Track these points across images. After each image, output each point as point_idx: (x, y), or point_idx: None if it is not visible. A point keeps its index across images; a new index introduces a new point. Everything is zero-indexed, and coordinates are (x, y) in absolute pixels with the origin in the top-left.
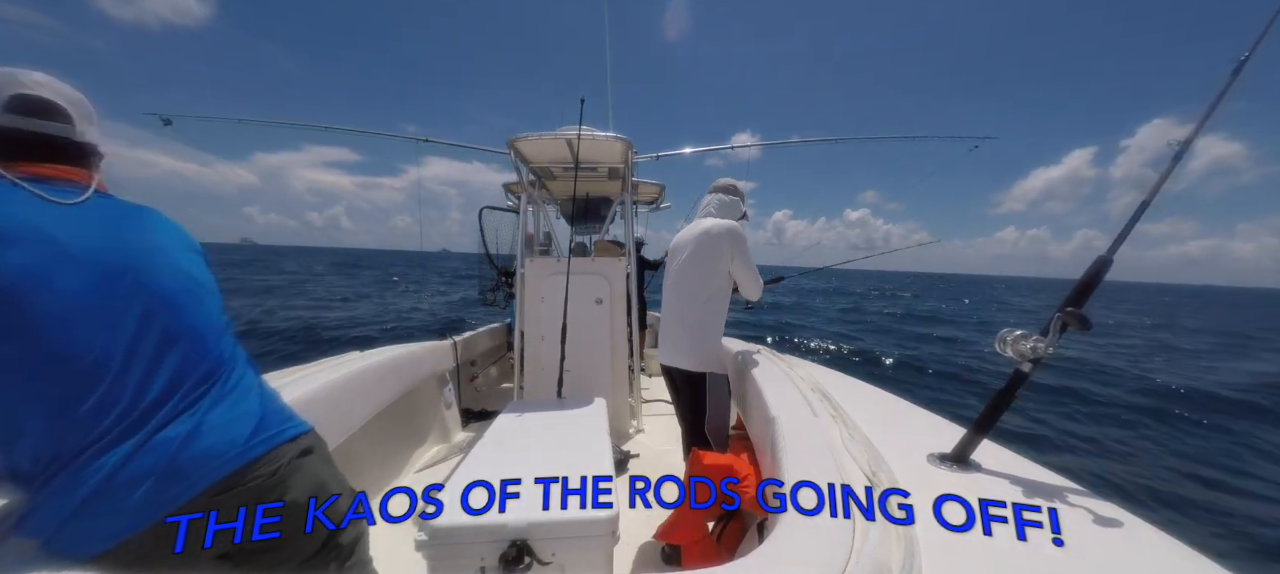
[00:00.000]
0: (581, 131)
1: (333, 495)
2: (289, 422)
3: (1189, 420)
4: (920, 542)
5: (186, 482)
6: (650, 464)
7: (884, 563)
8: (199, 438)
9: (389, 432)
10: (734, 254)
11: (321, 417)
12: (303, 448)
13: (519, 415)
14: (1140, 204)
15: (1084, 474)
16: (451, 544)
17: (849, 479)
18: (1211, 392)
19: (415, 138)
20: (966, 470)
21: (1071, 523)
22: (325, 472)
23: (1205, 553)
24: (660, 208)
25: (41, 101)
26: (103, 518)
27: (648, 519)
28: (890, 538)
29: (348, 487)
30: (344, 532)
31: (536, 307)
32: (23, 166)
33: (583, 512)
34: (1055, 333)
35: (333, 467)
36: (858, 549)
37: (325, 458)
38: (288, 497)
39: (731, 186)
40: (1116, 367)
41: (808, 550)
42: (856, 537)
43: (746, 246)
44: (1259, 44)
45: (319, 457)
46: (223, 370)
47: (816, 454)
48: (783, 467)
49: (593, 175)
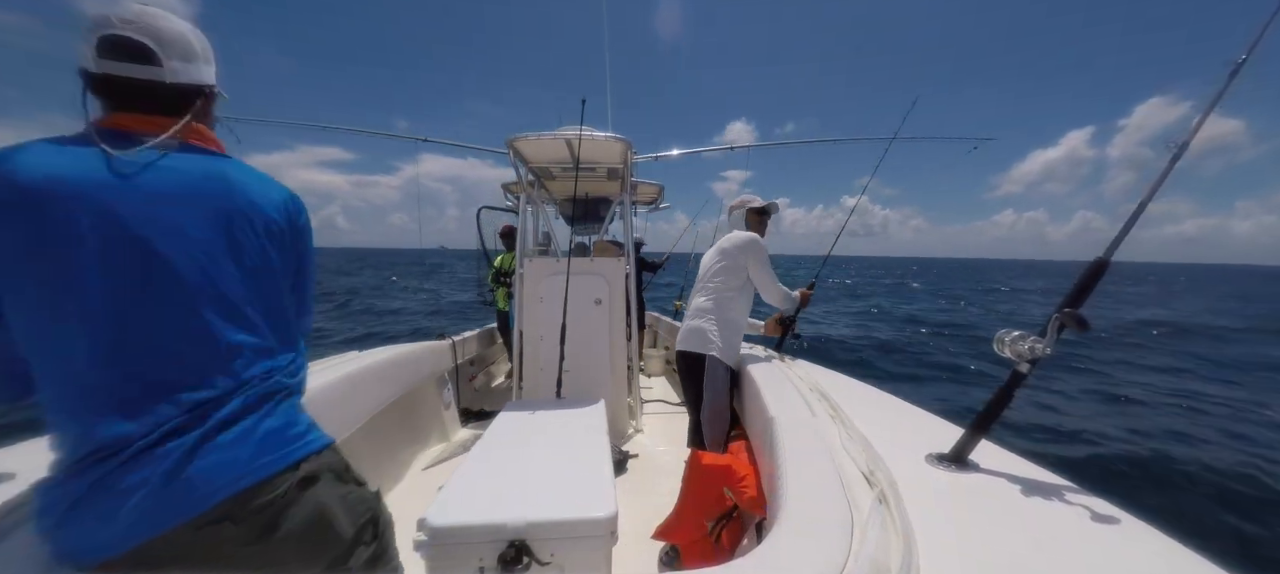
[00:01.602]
0: (582, 132)
1: (335, 523)
2: (293, 445)
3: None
4: (918, 542)
5: (172, 509)
6: (649, 464)
7: (882, 563)
8: (194, 460)
9: (388, 432)
10: (750, 260)
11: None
12: (304, 476)
13: (518, 415)
14: (1138, 205)
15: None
16: (450, 544)
17: (847, 479)
18: None
19: (414, 138)
20: (964, 470)
21: (1069, 522)
22: (330, 496)
23: (1204, 553)
24: (659, 208)
25: (123, 42)
26: (90, 526)
27: (647, 519)
28: (888, 538)
29: (359, 507)
30: (354, 555)
31: (536, 307)
32: (111, 118)
33: (581, 512)
34: (1053, 333)
35: (343, 485)
36: (856, 549)
37: (335, 477)
38: (279, 533)
39: (738, 204)
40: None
41: (806, 550)
42: (855, 537)
43: (762, 255)
44: (1255, 46)
45: (325, 483)
46: (228, 381)
47: (815, 454)
48: (781, 467)
49: (592, 175)
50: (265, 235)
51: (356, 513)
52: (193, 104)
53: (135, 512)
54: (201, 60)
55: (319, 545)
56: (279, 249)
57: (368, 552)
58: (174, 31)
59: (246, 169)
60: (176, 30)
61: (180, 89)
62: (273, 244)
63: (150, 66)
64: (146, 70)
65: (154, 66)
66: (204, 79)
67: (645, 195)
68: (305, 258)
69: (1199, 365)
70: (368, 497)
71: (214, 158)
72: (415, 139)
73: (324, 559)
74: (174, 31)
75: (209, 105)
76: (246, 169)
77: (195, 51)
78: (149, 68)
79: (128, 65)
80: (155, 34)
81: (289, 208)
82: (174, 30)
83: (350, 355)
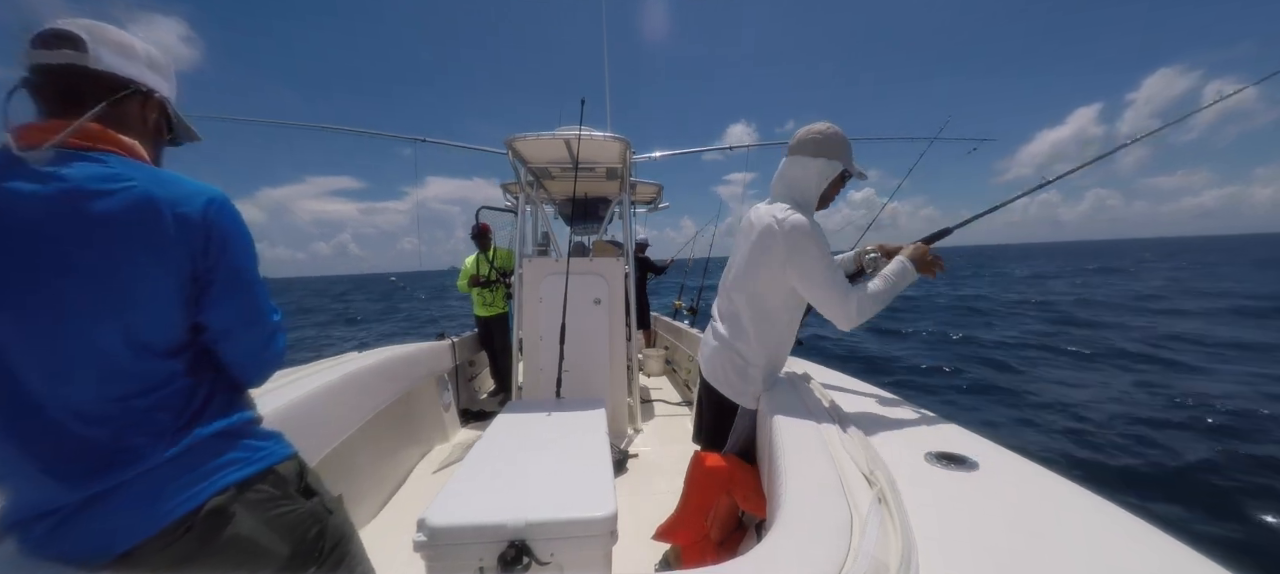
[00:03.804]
0: (581, 132)
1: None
2: (193, 490)
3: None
4: (918, 541)
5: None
6: (649, 464)
7: (882, 562)
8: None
9: (387, 432)
10: (792, 268)
11: (320, 417)
12: (213, 510)
13: (518, 415)
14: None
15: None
16: (450, 544)
17: (847, 478)
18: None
19: (412, 138)
20: (965, 469)
21: (1070, 522)
22: (251, 526)
23: (1206, 552)
24: (658, 207)
25: (56, 33)
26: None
27: (647, 519)
28: (888, 537)
29: (300, 525)
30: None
31: (535, 307)
32: (23, 129)
33: (581, 512)
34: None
35: (274, 510)
36: (856, 549)
37: (259, 506)
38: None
39: (806, 139)
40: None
41: (806, 550)
42: (854, 536)
43: (818, 254)
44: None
45: (242, 518)
46: (112, 435)
47: (814, 454)
48: (780, 467)
49: (591, 175)
50: (126, 259)
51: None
52: (123, 106)
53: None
54: (143, 63)
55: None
56: (143, 280)
57: (314, 568)
58: (116, 34)
59: (116, 186)
60: (119, 34)
61: (107, 81)
62: (137, 275)
63: (74, 51)
64: (68, 55)
65: (78, 52)
66: (140, 77)
67: (644, 195)
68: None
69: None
70: (316, 509)
71: (103, 168)
72: (415, 139)
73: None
74: (116, 34)
75: (147, 111)
76: (116, 186)
77: (136, 53)
78: (72, 53)
79: (52, 52)
80: (91, 29)
81: (170, 226)
82: (116, 34)
83: (349, 356)
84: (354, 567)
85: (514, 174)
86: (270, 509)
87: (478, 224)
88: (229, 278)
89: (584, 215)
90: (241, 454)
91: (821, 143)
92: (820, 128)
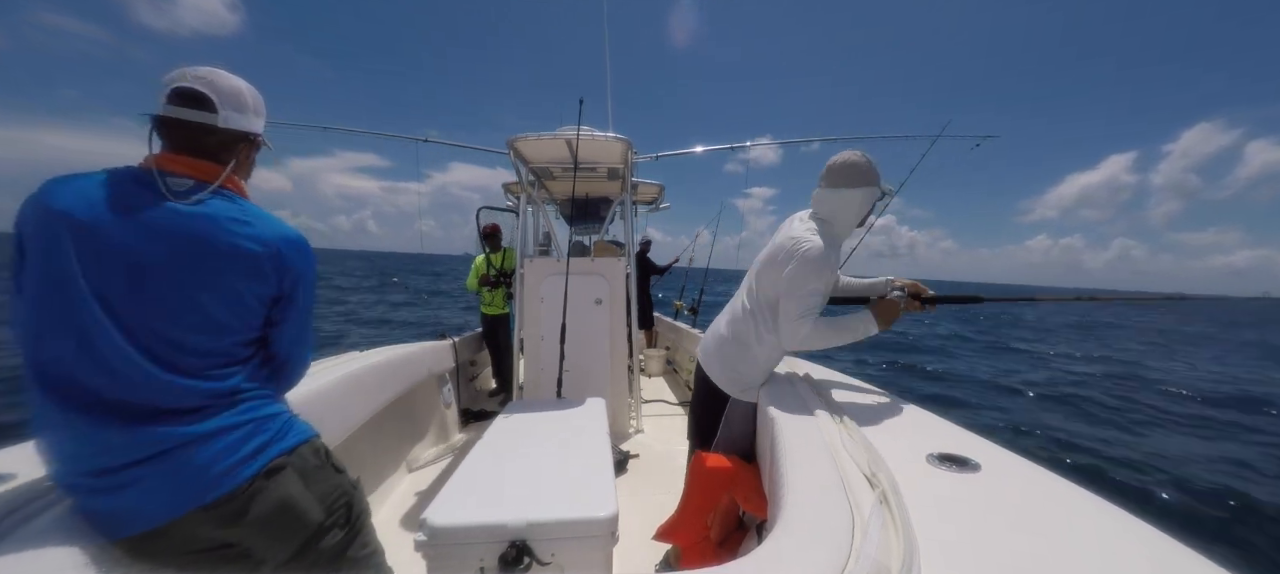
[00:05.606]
0: (580, 131)
1: (303, 512)
2: (249, 463)
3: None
4: (919, 542)
5: (126, 527)
6: (650, 464)
7: (883, 564)
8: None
9: (388, 432)
10: (788, 269)
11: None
12: (271, 469)
13: (518, 415)
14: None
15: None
16: (450, 544)
17: (848, 479)
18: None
19: (414, 138)
20: (966, 471)
21: (1071, 522)
22: (295, 489)
23: (1206, 553)
24: (659, 208)
25: (188, 92)
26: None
27: (647, 519)
28: (890, 539)
29: (332, 494)
30: (326, 535)
31: (536, 307)
32: (163, 158)
33: (582, 512)
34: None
35: (310, 482)
36: (857, 550)
37: (302, 475)
38: (242, 529)
39: (846, 170)
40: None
41: (807, 551)
42: (856, 537)
43: (811, 277)
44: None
45: (287, 479)
46: (181, 418)
47: (816, 455)
48: (782, 467)
49: (592, 175)
50: (207, 287)
51: (328, 499)
52: (235, 150)
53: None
54: (252, 112)
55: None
56: (219, 302)
57: (340, 535)
58: (231, 86)
59: (219, 221)
60: (233, 86)
61: (229, 136)
62: (214, 298)
63: (206, 112)
64: (202, 115)
65: (209, 113)
66: (251, 127)
67: (645, 195)
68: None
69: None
70: (344, 484)
71: (209, 209)
72: (417, 139)
73: (293, 542)
74: (231, 86)
75: (251, 151)
76: (219, 221)
77: (247, 104)
78: (205, 114)
79: (189, 110)
80: (215, 87)
81: (248, 264)
82: (231, 86)
83: (350, 355)
84: (370, 540)
85: (516, 174)
86: (312, 475)
87: (481, 225)
88: (296, 305)
89: (585, 215)
90: (288, 426)
91: (861, 173)
92: (855, 159)
